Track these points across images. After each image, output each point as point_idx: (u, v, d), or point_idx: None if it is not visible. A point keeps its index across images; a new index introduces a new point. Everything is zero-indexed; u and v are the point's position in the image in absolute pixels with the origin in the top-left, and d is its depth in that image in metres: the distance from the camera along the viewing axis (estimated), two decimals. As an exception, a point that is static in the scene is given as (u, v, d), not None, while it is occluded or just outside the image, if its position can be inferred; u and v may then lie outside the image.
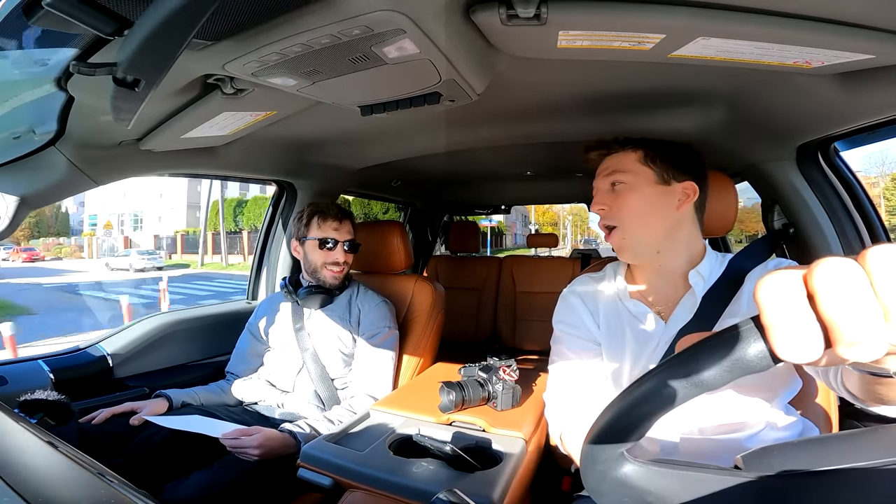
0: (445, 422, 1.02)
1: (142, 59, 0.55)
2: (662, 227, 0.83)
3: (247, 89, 0.86)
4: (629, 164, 0.84)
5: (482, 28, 0.68)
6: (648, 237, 0.83)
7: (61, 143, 1.02)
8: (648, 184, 0.82)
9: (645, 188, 0.82)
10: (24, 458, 0.45)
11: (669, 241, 0.83)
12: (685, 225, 0.84)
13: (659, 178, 0.83)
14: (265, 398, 1.33)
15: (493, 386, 1.10)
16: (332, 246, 1.37)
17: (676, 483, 0.32)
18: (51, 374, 1.20)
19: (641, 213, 0.82)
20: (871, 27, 0.62)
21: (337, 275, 1.39)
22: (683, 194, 0.83)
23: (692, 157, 0.87)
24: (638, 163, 0.83)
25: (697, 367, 0.29)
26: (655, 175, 0.83)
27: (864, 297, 0.23)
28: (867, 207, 1.18)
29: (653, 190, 0.82)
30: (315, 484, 0.87)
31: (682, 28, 0.64)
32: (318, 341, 1.36)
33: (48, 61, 0.71)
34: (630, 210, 0.82)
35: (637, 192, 0.82)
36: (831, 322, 0.23)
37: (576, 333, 0.90)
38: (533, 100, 1.14)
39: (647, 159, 0.83)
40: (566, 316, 0.92)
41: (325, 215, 1.39)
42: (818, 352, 0.24)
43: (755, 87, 0.95)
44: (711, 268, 0.83)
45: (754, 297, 0.26)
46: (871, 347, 0.23)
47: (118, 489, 0.43)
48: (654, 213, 0.82)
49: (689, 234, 0.85)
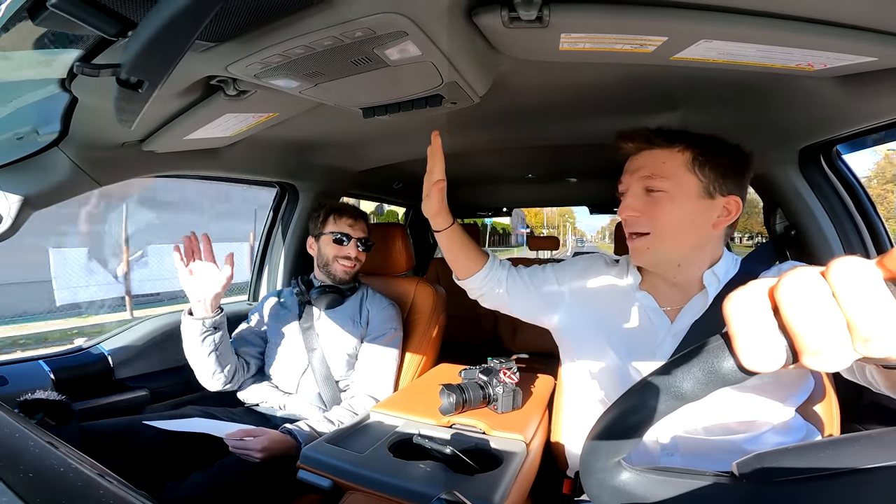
0: (446, 424, 1.02)
1: (145, 60, 0.55)
2: (692, 243, 0.76)
3: (249, 91, 0.86)
4: (672, 169, 0.73)
5: (484, 30, 0.68)
6: (676, 252, 0.76)
7: (64, 144, 1.02)
8: (691, 198, 0.73)
9: (687, 202, 0.73)
10: (23, 459, 0.45)
11: (694, 256, 0.77)
12: (714, 240, 0.78)
13: (703, 191, 0.73)
14: (267, 399, 1.33)
15: (493, 388, 1.10)
16: (345, 241, 1.40)
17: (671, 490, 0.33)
18: (51, 374, 1.20)
19: (677, 228, 0.74)
20: (874, 29, 0.62)
21: (348, 269, 1.41)
22: (724, 210, 0.75)
23: (743, 162, 0.77)
24: (684, 168, 0.73)
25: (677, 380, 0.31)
26: (700, 187, 0.73)
27: (826, 308, 0.23)
28: (869, 210, 1.18)
29: (694, 206, 0.73)
30: (314, 485, 0.87)
31: (684, 31, 0.64)
32: (326, 342, 1.36)
33: (52, 62, 0.71)
34: (665, 223, 0.73)
35: (678, 204, 0.73)
36: (795, 333, 0.24)
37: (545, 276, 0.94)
38: (534, 102, 1.14)
39: (696, 165, 0.73)
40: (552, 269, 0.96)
41: (340, 213, 1.44)
42: (780, 361, 0.25)
43: (757, 90, 0.95)
44: (727, 269, 0.79)
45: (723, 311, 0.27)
46: (834, 357, 0.23)
47: (118, 489, 0.43)
48: (690, 231, 0.74)
49: (714, 247, 0.78)
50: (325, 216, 1.45)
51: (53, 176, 1.05)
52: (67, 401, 1.00)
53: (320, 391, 1.32)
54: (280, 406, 1.32)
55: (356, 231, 1.43)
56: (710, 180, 0.74)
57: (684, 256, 0.77)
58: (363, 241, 1.44)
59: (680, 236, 0.75)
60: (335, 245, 1.41)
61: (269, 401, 1.33)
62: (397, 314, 1.46)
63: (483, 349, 2.59)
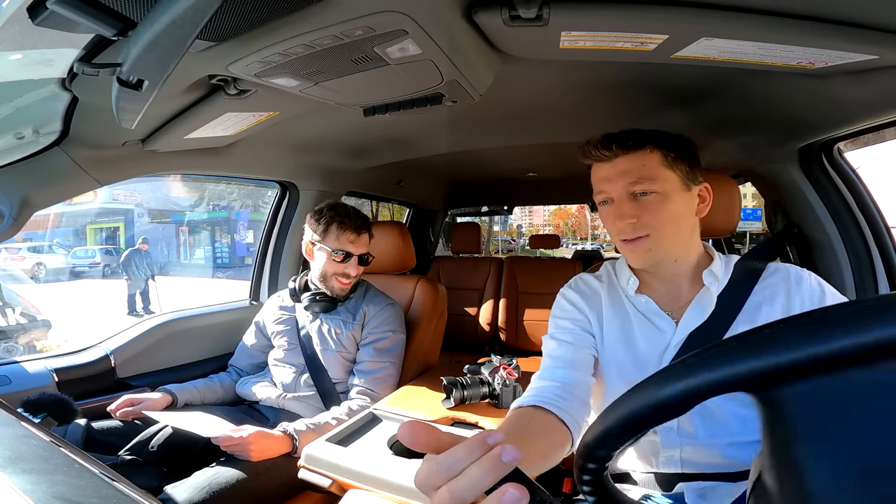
0: (447, 422, 1.02)
1: (146, 59, 0.55)
2: (686, 236, 0.78)
3: (250, 90, 0.86)
4: (654, 170, 0.75)
5: (484, 29, 0.68)
6: (674, 248, 0.77)
7: (65, 144, 1.02)
8: (677, 193, 0.75)
9: (676, 198, 0.75)
10: (26, 458, 0.46)
11: (687, 248, 0.79)
12: (696, 230, 0.81)
13: (683, 185, 0.76)
14: (267, 398, 1.33)
15: (494, 384, 1.10)
16: (346, 259, 1.34)
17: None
18: (54, 373, 1.20)
19: (673, 225, 0.75)
20: (875, 27, 0.62)
21: (345, 286, 1.37)
22: (700, 198, 0.79)
23: (695, 150, 0.80)
24: (662, 167, 0.75)
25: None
26: (679, 181, 0.76)
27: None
28: (871, 208, 1.18)
29: (681, 199, 0.76)
30: (315, 484, 0.87)
31: (685, 29, 0.64)
32: (320, 345, 1.36)
33: (52, 62, 0.72)
34: (663, 222, 0.75)
35: (670, 202, 0.75)
36: None
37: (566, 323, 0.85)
38: (535, 100, 1.14)
39: (669, 161, 0.76)
40: (559, 310, 0.88)
41: (344, 225, 1.33)
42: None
43: (758, 88, 0.95)
44: (723, 268, 0.80)
45: None
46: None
47: (118, 489, 0.43)
48: (683, 224, 0.77)
49: (697, 238, 0.82)
50: (326, 225, 1.34)
51: (54, 175, 1.05)
52: (70, 400, 1.00)
53: (318, 392, 1.32)
54: (280, 406, 1.32)
55: (358, 247, 1.35)
56: (684, 173, 0.77)
57: (680, 250, 0.79)
58: (363, 257, 1.37)
59: (677, 232, 0.77)
60: (334, 262, 1.33)
61: (269, 400, 1.33)
62: (397, 315, 1.43)
63: (484, 347, 2.59)
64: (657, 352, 0.78)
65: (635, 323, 0.81)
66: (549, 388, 0.74)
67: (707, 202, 0.80)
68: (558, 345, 0.81)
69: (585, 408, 0.76)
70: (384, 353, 1.35)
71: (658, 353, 0.78)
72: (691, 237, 0.80)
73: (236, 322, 1.69)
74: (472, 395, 1.09)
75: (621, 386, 0.80)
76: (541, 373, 0.79)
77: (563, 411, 0.70)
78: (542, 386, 0.75)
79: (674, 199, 0.75)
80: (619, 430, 0.33)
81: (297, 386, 1.34)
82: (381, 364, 1.33)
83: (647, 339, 0.79)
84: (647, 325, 0.80)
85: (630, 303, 0.83)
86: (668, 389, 0.30)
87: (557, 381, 0.75)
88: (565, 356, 0.79)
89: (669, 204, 0.75)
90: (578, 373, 0.77)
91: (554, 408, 0.70)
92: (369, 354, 1.34)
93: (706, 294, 0.78)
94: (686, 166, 0.77)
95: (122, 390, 1.32)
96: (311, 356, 1.35)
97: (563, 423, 0.69)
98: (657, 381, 0.31)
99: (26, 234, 10.00)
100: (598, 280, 0.89)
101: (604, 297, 0.85)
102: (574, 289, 0.89)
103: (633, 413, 0.32)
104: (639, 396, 0.32)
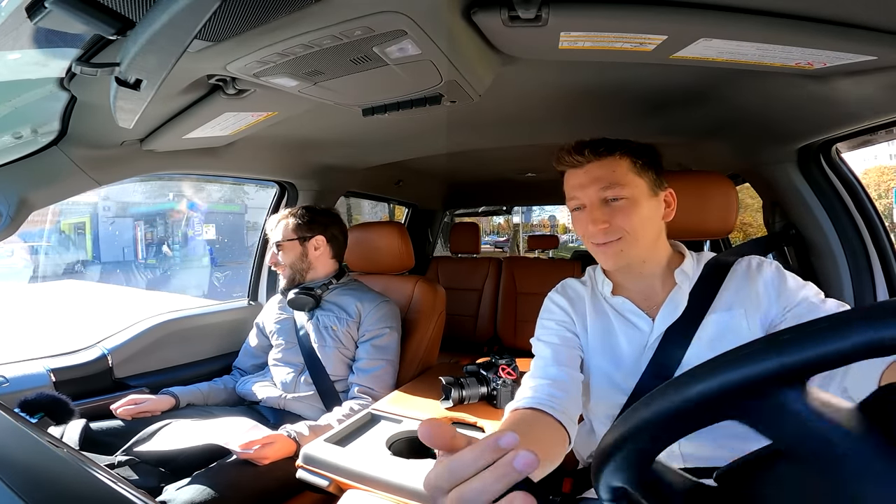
0: (445, 421, 1.02)
1: (144, 59, 0.55)
2: (653, 238, 0.82)
3: (248, 90, 0.86)
4: (623, 176, 0.79)
5: (483, 29, 0.68)
6: (643, 250, 0.81)
7: (63, 144, 1.02)
8: (645, 198, 0.79)
9: (644, 203, 0.79)
10: (24, 458, 0.45)
11: (655, 249, 0.83)
12: (663, 233, 0.85)
13: (650, 190, 0.80)
14: (267, 399, 1.33)
15: (493, 384, 1.10)
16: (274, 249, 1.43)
17: None
18: (51, 374, 1.20)
19: (642, 228, 0.79)
20: (873, 28, 0.62)
21: (283, 275, 1.43)
22: (665, 203, 0.83)
23: (658, 157, 0.84)
24: (631, 173, 0.79)
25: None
26: (647, 187, 0.80)
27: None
28: (868, 209, 1.18)
29: (649, 204, 0.80)
30: (314, 485, 0.87)
31: (684, 29, 0.64)
32: (317, 343, 1.36)
33: (51, 61, 0.71)
34: (633, 227, 0.78)
35: (640, 206, 0.78)
36: None
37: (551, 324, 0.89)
38: (534, 101, 1.14)
39: (638, 168, 0.80)
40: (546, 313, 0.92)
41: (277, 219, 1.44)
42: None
43: (757, 89, 0.95)
44: (693, 266, 0.84)
45: None
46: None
47: (118, 489, 0.43)
48: (651, 228, 0.81)
49: (664, 240, 0.86)
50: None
51: (52, 175, 1.04)
52: (67, 400, 1.00)
53: (318, 391, 1.32)
54: (280, 406, 1.32)
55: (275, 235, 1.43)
56: (650, 179, 0.80)
57: (648, 252, 0.82)
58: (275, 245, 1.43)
59: (646, 235, 0.80)
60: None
61: (269, 400, 1.33)
62: (392, 312, 1.44)
63: (483, 348, 2.59)
64: (637, 349, 0.82)
65: (615, 323, 0.84)
66: (542, 388, 0.76)
67: (672, 207, 0.84)
68: (546, 345, 0.85)
69: (578, 404, 0.79)
70: (382, 350, 1.35)
71: (638, 350, 0.81)
72: (658, 240, 0.84)
73: (234, 322, 1.68)
74: (471, 396, 1.09)
75: (604, 385, 0.84)
76: (532, 372, 0.82)
77: (559, 411, 0.73)
78: (534, 385, 0.77)
79: (642, 204, 0.79)
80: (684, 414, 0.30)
81: (296, 385, 1.34)
82: (379, 362, 1.34)
83: (627, 337, 0.83)
84: (626, 324, 0.84)
85: (609, 304, 0.87)
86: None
87: (549, 380, 0.78)
88: (554, 355, 0.83)
89: (639, 208, 0.79)
90: (568, 369, 0.81)
91: (549, 409, 0.73)
92: (367, 352, 1.34)
93: (678, 292, 0.81)
94: (653, 173, 0.81)
95: (120, 390, 1.32)
96: (309, 354, 1.35)
97: (559, 424, 0.72)
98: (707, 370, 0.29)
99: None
100: (582, 285, 0.93)
101: (587, 301, 0.89)
102: (560, 293, 0.93)
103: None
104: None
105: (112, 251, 9.72)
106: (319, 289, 1.42)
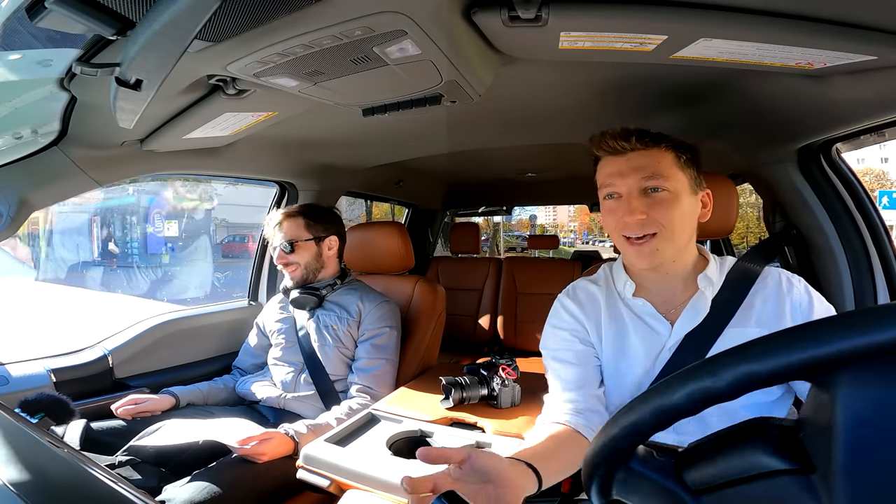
0: (446, 422, 1.02)
1: (144, 59, 0.55)
2: (688, 237, 0.79)
3: (249, 90, 0.86)
4: (667, 168, 0.75)
5: (483, 29, 0.68)
6: (678, 249, 0.78)
7: (64, 144, 1.02)
8: (686, 194, 0.76)
9: (685, 199, 0.76)
10: (24, 458, 0.45)
11: (685, 251, 0.80)
12: (695, 235, 0.82)
13: (691, 188, 0.77)
14: (267, 398, 1.33)
15: (493, 384, 1.10)
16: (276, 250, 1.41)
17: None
18: (52, 374, 1.20)
19: (681, 225, 0.76)
20: (874, 28, 0.62)
21: (292, 274, 1.41)
22: (702, 203, 0.80)
23: (699, 157, 0.81)
24: (675, 167, 0.76)
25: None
26: (689, 183, 0.77)
27: None
28: (869, 209, 1.18)
29: (689, 201, 0.77)
30: (314, 485, 0.87)
31: (684, 29, 0.64)
32: (317, 342, 1.36)
33: (51, 62, 0.71)
34: (672, 222, 0.75)
35: (681, 202, 0.75)
36: None
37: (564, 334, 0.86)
38: (534, 101, 1.14)
39: (682, 162, 0.76)
40: (557, 320, 0.88)
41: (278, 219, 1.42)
42: None
43: (757, 88, 0.95)
44: (717, 271, 0.81)
45: None
46: None
47: (118, 489, 0.43)
48: (689, 226, 0.78)
49: (694, 242, 0.83)
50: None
51: (53, 176, 1.05)
52: (68, 400, 1.00)
53: (318, 391, 1.32)
54: (280, 405, 1.32)
55: (281, 235, 1.39)
56: (692, 176, 0.78)
57: (679, 251, 0.79)
58: (286, 243, 1.38)
59: (683, 233, 0.77)
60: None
61: (269, 399, 1.33)
62: (392, 312, 1.44)
63: (483, 348, 2.59)
64: (653, 353, 0.79)
65: (631, 326, 0.82)
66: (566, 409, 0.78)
67: (708, 208, 0.82)
68: (562, 365, 0.83)
69: (602, 417, 0.79)
70: (381, 349, 1.35)
71: (654, 354, 0.79)
72: (690, 240, 0.81)
73: (235, 323, 1.68)
74: (471, 396, 1.09)
75: (617, 389, 0.82)
76: (552, 395, 0.83)
77: (585, 427, 0.76)
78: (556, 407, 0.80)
79: (683, 200, 0.76)
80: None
81: (296, 385, 1.34)
82: (379, 361, 1.34)
83: (643, 341, 0.80)
84: (643, 327, 0.81)
85: (626, 306, 0.83)
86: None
87: (571, 404, 0.79)
88: (573, 378, 0.82)
89: (679, 203, 0.75)
90: (589, 389, 0.81)
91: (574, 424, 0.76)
92: (367, 351, 1.34)
93: (701, 297, 0.79)
94: (694, 170, 0.78)
95: (120, 390, 1.32)
96: (309, 354, 1.35)
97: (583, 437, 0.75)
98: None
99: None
100: (595, 284, 0.89)
101: (602, 303, 0.85)
102: (571, 297, 0.89)
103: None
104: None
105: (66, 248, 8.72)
106: (324, 289, 1.42)
